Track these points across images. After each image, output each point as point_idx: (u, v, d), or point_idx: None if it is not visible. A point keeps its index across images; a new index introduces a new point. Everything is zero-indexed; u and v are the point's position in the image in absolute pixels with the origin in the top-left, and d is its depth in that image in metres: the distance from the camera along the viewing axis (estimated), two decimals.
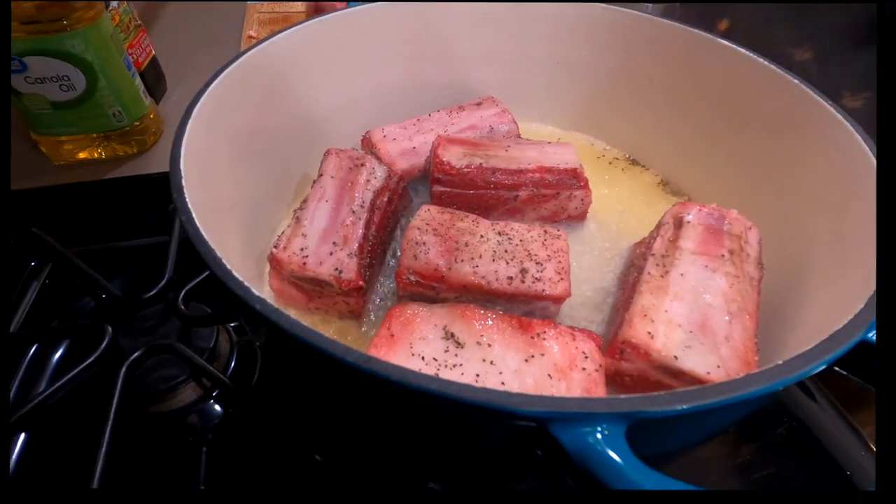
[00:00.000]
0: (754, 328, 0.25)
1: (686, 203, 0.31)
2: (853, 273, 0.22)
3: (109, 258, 0.45)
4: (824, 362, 0.16)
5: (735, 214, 0.30)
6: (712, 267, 0.28)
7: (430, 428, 0.21)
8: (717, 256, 0.28)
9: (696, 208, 0.30)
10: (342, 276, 0.29)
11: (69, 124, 0.53)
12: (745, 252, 0.28)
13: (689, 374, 0.23)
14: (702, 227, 0.30)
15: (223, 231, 0.28)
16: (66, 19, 0.46)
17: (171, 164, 0.24)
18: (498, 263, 0.29)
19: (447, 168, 0.36)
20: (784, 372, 0.16)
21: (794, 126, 0.31)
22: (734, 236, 0.29)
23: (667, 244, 0.30)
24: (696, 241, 0.29)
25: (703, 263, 0.28)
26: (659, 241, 0.30)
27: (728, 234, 0.29)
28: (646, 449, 0.17)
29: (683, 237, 0.29)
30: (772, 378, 0.15)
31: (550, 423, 0.15)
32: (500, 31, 0.44)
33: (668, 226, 0.31)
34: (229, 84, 0.32)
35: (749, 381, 0.15)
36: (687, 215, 0.30)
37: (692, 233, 0.29)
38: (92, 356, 0.32)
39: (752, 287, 0.27)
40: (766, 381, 0.15)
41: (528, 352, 0.26)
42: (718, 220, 0.30)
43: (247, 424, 0.34)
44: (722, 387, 0.15)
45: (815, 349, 0.16)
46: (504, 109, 0.44)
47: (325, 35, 0.39)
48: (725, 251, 0.28)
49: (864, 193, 0.24)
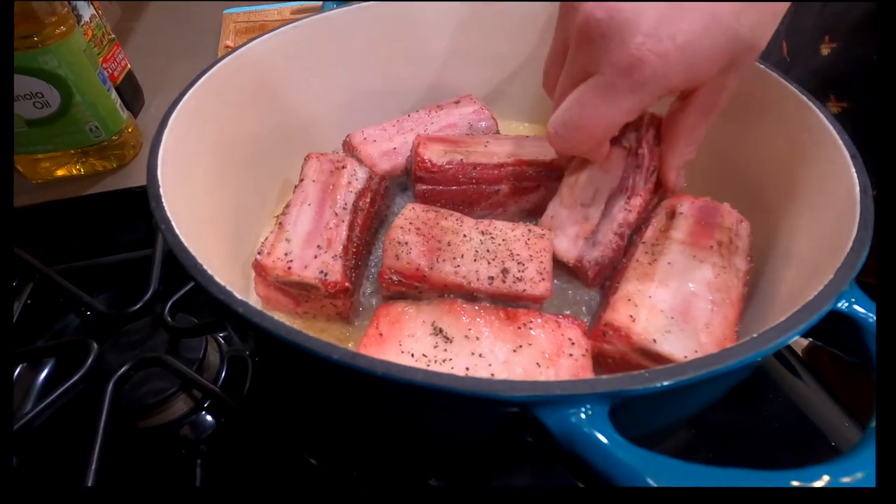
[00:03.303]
0: (736, 318, 0.26)
1: (680, 195, 0.31)
2: (823, 247, 0.22)
3: (93, 274, 0.44)
4: (796, 332, 0.17)
5: (728, 208, 0.30)
6: (700, 257, 0.28)
7: (422, 422, 0.22)
8: (706, 247, 0.28)
9: (690, 201, 0.31)
10: (328, 278, 0.29)
11: (45, 141, 0.52)
12: (734, 244, 0.29)
13: (667, 358, 0.23)
14: (693, 219, 0.30)
15: (206, 240, 0.28)
16: (38, 36, 0.46)
17: (147, 173, 0.24)
18: (479, 263, 0.30)
19: (428, 166, 0.36)
20: (759, 344, 0.16)
21: (762, 110, 0.32)
22: (725, 229, 0.29)
23: (658, 233, 0.30)
24: (687, 231, 0.29)
25: (692, 253, 0.28)
26: (650, 230, 0.31)
27: (719, 226, 0.29)
28: (634, 430, 0.18)
29: (675, 228, 0.30)
30: (748, 350, 0.16)
31: (535, 407, 0.15)
32: (475, 31, 0.45)
33: (660, 216, 0.31)
34: (206, 92, 0.32)
35: (726, 354, 0.16)
36: (680, 207, 0.31)
37: (684, 224, 0.30)
38: (78, 373, 0.32)
39: (738, 278, 0.28)
40: (742, 354, 0.16)
41: (516, 342, 0.26)
42: (711, 213, 0.30)
43: (240, 434, 0.34)
44: (700, 362, 0.15)
45: (787, 321, 0.17)
46: (482, 106, 0.44)
47: (301, 40, 0.39)
48: (715, 243, 0.29)
49: (830, 171, 0.25)
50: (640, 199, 0.32)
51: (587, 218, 0.33)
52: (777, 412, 0.33)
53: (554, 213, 0.34)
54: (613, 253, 0.32)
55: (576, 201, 0.33)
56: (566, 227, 0.33)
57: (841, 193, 0.23)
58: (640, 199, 0.31)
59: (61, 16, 0.48)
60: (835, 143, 0.25)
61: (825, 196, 0.25)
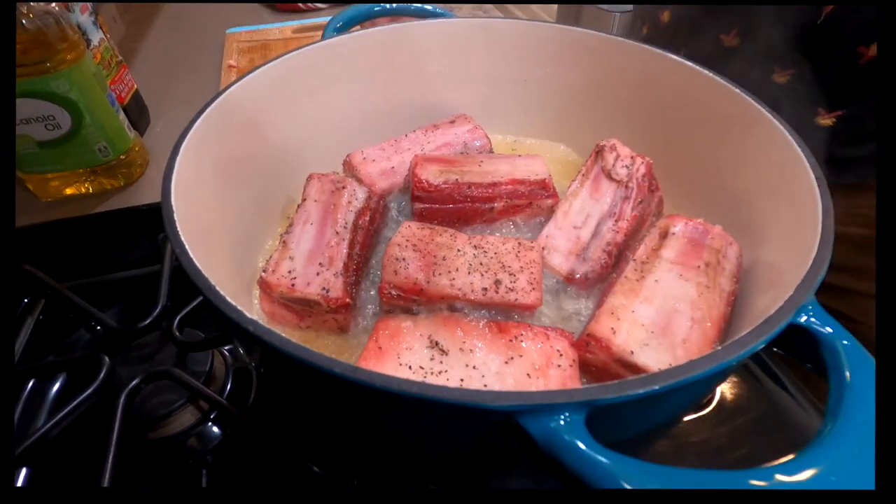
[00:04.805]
0: (715, 335, 0.27)
1: (675, 216, 0.33)
2: (790, 260, 0.24)
3: (102, 290, 0.46)
4: (759, 344, 0.18)
5: (719, 230, 0.32)
6: (686, 276, 0.29)
7: (418, 430, 0.23)
8: (694, 267, 0.30)
9: (684, 221, 0.32)
10: (329, 294, 0.31)
11: (56, 162, 0.54)
12: (721, 266, 0.30)
13: (643, 369, 0.25)
14: (686, 240, 0.31)
15: (214, 259, 0.30)
16: (50, 61, 0.48)
17: (162, 199, 0.26)
18: (473, 275, 0.31)
19: (426, 186, 0.38)
20: (723, 355, 0.18)
21: (737, 130, 0.33)
22: (714, 250, 0.31)
23: (649, 252, 0.32)
24: (678, 251, 0.31)
25: (679, 272, 0.30)
26: (643, 248, 0.32)
27: (709, 247, 0.31)
28: (613, 435, 0.19)
29: (666, 247, 0.31)
30: (713, 362, 0.17)
31: (519, 415, 0.16)
32: (468, 53, 0.47)
33: (653, 235, 0.33)
34: (215, 119, 0.33)
35: (692, 366, 0.17)
36: (674, 227, 0.32)
37: (675, 244, 0.31)
38: (91, 387, 0.33)
39: (722, 299, 0.29)
40: (707, 364, 0.17)
41: (508, 354, 0.28)
42: (702, 234, 0.31)
43: (245, 444, 0.35)
44: (669, 372, 0.17)
45: (750, 334, 0.19)
46: (476, 126, 0.46)
47: (302, 67, 0.41)
48: (702, 263, 0.30)
49: (799, 192, 0.27)
50: (626, 223, 0.35)
51: (579, 238, 0.36)
52: (762, 420, 0.35)
53: (549, 233, 0.37)
54: (601, 268, 0.34)
55: (569, 224, 0.37)
56: (560, 246, 0.36)
57: (807, 215, 0.25)
58: (627, 224, 0.35)
59: (72, 42, 0.50)
60: (803, 165, 0.27)
61: (796, 216, 0.26)
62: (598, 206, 0.37)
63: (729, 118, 0.34)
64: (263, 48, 0.87)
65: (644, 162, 0.37)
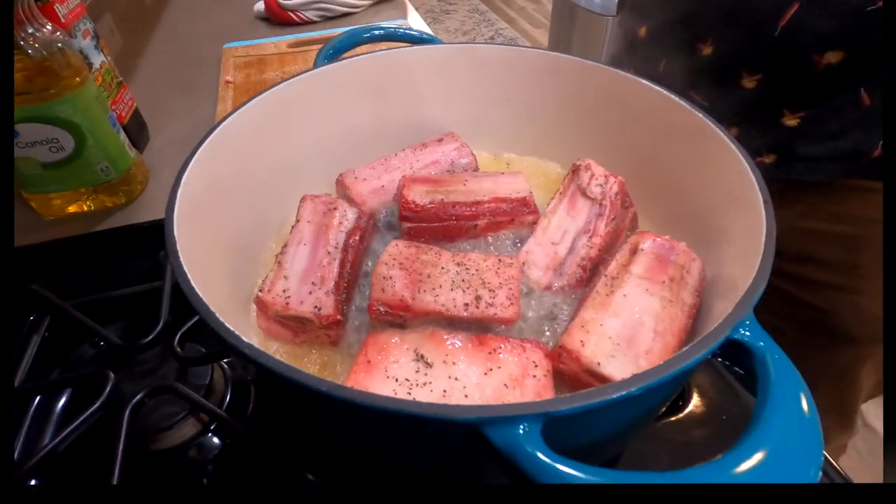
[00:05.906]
0: (676, 345, 0.29)
1: (644, 233, 0.35)
2: (744, 276, 0.26)
3: (105, 307, 0.48)
4: (701, 356, 0.20)
5: (683, 247, 0.34)
6: (651, 290, 0.31)
7: (404, 443, 0.25)
8: (659, 282, 0.32)
9: (652, 238, 0.34)
10: (321, 312, 0.33)
11: (59, 182, 0.56)
12: (684, 280, 0.32)
13: (609, 378, 0.27)
14: (653, 256, 0.33)
15: (214, 280, 0.32)
16: (54, 88, 0.50)
17: (165, 230, 0.28)
18: (456, 292, 0.33)
19: (413, 206, 0.40)
20: (669, 367, 0.20)
21: (699, 147, 0.36)
22: (678, 265, 0.32)
23: (619, 268, 0.34)
24: (645, 267, 0.33)
25: (645, 287, 0.31)
26: (613, 264, 0.34)
27: (673, 263, 0.33)
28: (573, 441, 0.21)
29: (635, 263, 0.33)
30: (654, 375, 0.20)
31: (483, 426, 0.18)
32: (456, 75, 0.49)
33: (624, 252, 0.35)
34: (214, 147, 0.36)
35: (637, 379, 0.19)
36: (643, 244, 0.34)
37: (644, 260, 0.33)
38: (97, 402, 0.35)
39: (684, 312, 0.31)
40: (650, 378, 0.19)
41: (487, 366, 0.30)
42: (668, 251, 0.33)
43: (244, 453, 0.37)
44: (615, 386, 0.19)
45: (692, 347, 0.21)
46: (463, 144, 0.49)
47: (299, 92, 0.44)
48: (667, 278, 0.32)
49: (751, 213, 0.29)
50: (600, 238, 0.38)
51: (556, 253, 0.39)
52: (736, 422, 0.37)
53: (529, 248, 0.39)
54: (577, 282, 0.37)
55: (548, 240, 0.39)
56: (538, 261, 0.39)
57: (754, 237, 0.27)
58: (601, 239, 0.38)
59: (76, 68, 0.52)
60: (753, 187, 0.29)
61: (748, 236, 0.29)
62: (574, 222, 0.39)
63: (690, 136, 0.36)
64: (260, 63, 0.89)
65: (617, 181, 0.39)
